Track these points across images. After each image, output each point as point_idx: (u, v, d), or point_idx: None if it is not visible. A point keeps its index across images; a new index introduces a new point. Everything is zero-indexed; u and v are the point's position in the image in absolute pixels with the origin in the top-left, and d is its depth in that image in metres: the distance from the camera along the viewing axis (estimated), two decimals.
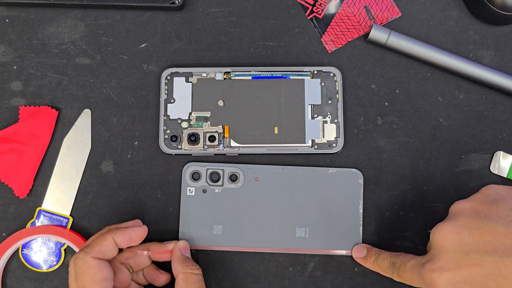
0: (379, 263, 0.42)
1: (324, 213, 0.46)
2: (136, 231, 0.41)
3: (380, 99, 0.47)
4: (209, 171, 0.46)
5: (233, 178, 0.46)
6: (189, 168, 0.46)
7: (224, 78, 0.47)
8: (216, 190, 0.46)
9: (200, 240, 0.45)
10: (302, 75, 0.47)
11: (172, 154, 0.46)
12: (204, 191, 0.46)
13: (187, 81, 0.47)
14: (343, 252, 0.45)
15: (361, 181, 0.46)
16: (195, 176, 0.46)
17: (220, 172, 0.46)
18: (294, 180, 0.46)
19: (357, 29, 0.48)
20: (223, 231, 0.45)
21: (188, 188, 0.46)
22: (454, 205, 0.36)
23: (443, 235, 0.34)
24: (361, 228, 0.45)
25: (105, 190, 0.47)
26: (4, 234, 0.46)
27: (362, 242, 0.46)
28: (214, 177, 0.46)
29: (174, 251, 0.43)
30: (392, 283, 0.46)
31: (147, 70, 0.48)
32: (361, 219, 0.46)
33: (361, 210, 0.46)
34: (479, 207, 0.34)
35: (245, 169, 0.46)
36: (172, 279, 0.44)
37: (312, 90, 0.46)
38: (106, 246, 0.39)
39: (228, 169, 0.46)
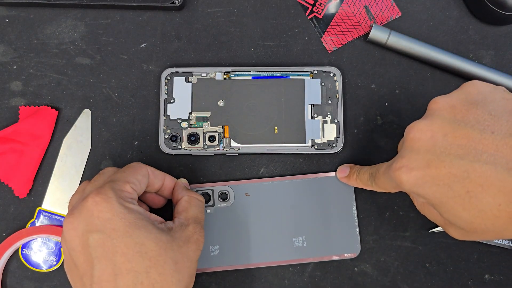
0: (361, 178, 0.42)
1: (319, 220, 0.45)
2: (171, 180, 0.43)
3: (380, 99, 0.47)
4: (198, 193, 0.45)
5: (224, 196, 0.45)
6: None
7: (224, 78, 0.47)
8: (208, 211, 0.45)
9: (198, 263, 0.45)
10: (302, 75, 0.47)
11: (172, 154, 0.46)
12: None
13: (187, 81, 0.47)
14: (343, 256, 0.45)
15: None
16: None
17: (210, 192, 0.45)
18: (284, 191, 0.46)
19: (357, 29, 0.48)
20: (220, 251, 0.45)
21: None
22: (433, 102, 0.34)
23: (418, 136, 0.33)
24: (357, 229, 0.45)
25: None
26: (4, 234, 0.46)
27: (360, 244, 0.46)
28: (205, 198, 0.45)
29: (177, 182, 0.44)
30: (392, 283, 0.46)
31: (147, 70, 0.48)
32: (357, 221, 0.46)
33: (355, 212, 0.46)
34: (458, 106, 0.33)
35: (234, 186, 0.46)
36: (167, 205, 0.45)
37: (312, 90, 0.46)
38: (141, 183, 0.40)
39: (218, 188, 0.46)
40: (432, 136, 0.33)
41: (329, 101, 0.46)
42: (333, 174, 0.46)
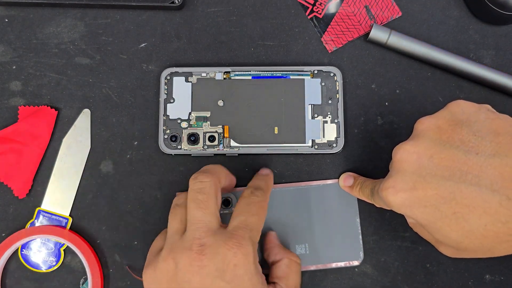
0: (363, 191, 0.42)
1: (322, 227, 0.45)
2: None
3: (381, 99, 0.47)
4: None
5: (226, 203, 0.45)
6: None
7: (224, 78, 0.46)
8: None
9: None
10: (302, 74, 0.46)
11: (171, 154, 0.46)
12: None
13: (186, 81, 0.47)
14: (346, 264, 0.45)
15: None
16: None
17: None
18: (287, 198, 0.46)
19: (357, 29, 0.48)
20: None
21: None
22: (419, 123, 0.35)
23: (404, 157, 0.34)
24: (360, 237, 0.45)
25: (104, 190, 0.47)
26: (3, 235, 0.46)
27: (363, 252, 0.45)
28: None
29: (270, 238, 0.44)
30: (393, 283, 0.45)
31: (146, 70, 0.48)
32: (360, 228, 0.45)
33: (358, 220, 0.45)
34: (443, 126, 0.34)
35: (237, 193, 0.45)
36: None
37: (312, 90, 0.46)
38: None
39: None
40: (418, 158, 0.33)
41: (329, 101, 0.46)
42: (336, 181, 0.46)
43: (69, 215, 0.46)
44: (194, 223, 0.37)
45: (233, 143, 0.46)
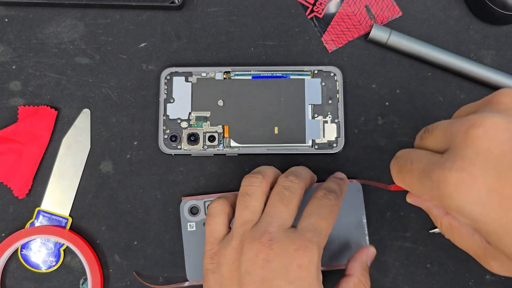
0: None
1: None
2: None
3: (381, 99, 0.47)
4: (206, 204, 0.45)
5: (194, 211, 0.45)
6: (186, 204, 0.45)
7: (224, 78, 0.46)
8: None
9: (198, 275, 0.44)
10: (302, 74, 0.46)
11: (171, 154, 0.46)
12: (205, 224, 0.45)
13: (186, 80, 0.46)
14: None
15: (361, 191, 0.45)
16: (194, 211, 0.45)
17: None
18: None
19: (358, 29, 0.48)
20: None
21: (189, 223, 0.45)
22: (503, 95, 0.26)
23: (492, 134, 0.24)
24: (367, 238, 0.45)
25: (104, 190, 0.46)
26: (3, 235, 0.46)
27: None
28: None
29: (363, 252, 0.41)
30: (393, 283, 0.45)
31: (146, 70, 0.48)
32: (366, 229, 0.45)
33: (364, 221, 0.45)
34: None
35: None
36: None
37: (313, 90, 0.46)
38: None
39: None
40: (511, 139, 0.24)
41: (330, 101, 0.46)
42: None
43: (69, 215, 0.46)
44: (270, 216, 0.36)
45: (233, 143, 0.46)
